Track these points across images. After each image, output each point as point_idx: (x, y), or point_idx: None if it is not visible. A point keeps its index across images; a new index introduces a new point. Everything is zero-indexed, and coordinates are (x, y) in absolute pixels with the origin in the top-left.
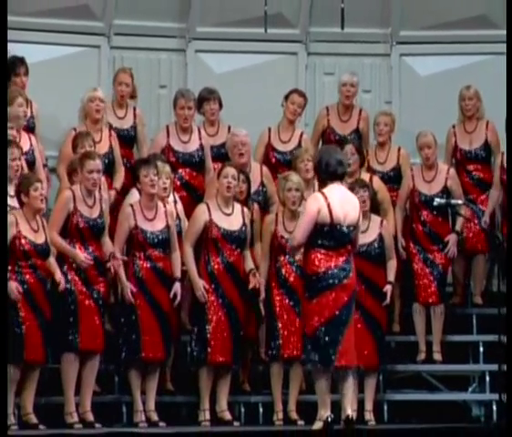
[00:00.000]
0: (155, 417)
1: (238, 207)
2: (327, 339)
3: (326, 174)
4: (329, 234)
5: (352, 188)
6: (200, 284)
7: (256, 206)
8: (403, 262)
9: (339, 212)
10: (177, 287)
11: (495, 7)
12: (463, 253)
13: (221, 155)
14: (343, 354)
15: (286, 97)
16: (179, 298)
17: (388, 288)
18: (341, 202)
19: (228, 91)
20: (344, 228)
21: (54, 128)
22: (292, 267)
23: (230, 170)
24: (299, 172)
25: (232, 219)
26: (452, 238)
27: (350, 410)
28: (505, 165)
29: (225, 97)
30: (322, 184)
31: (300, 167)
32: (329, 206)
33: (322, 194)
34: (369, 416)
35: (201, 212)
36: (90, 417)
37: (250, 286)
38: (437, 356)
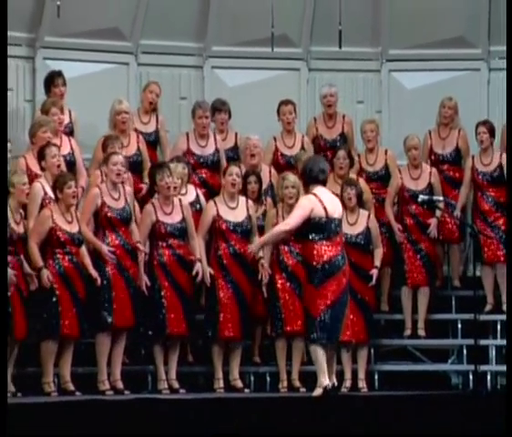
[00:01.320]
0: (176, 385)
1: (242, 200)
2: (333, 319)
3: (310, 179)
4: (324, 226)
5: (341, 188)
6: (208, 271)
7: (269, 199)
8: (394, 250)
9: (330, 207)
10: (198, 266)
11: (471, 29)
12: (440, 243)
13: (230, 157)
14: (345, 330)
15: (278, 112)
16: (200, 275)
17: (374, 271)
18: (329, 199)
19: (239, 102)
20: (336, 221)
21: (89, 134)
22: (292, 254)
23: (234, 169)
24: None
25: (237, 212)
26: (433, 222)
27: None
28: (476, 166)
29: (236, 107)
30: (306, 187)
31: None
32: (322, 202)
33: (314, 194)
34: (362, 384)
35: (210, 208)
36: (120, 385)
37: (260, 276)
38: (421, 332)
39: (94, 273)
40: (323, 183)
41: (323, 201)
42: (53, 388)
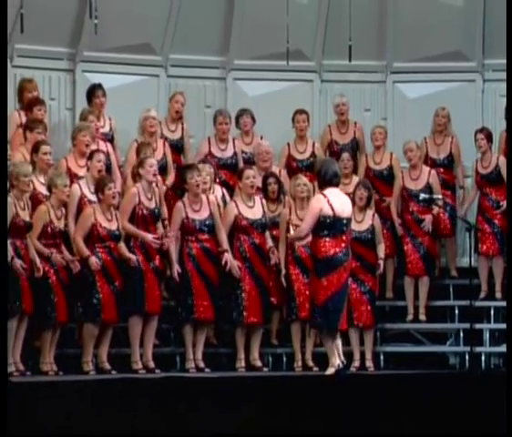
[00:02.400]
0: (202, 364)
1: (258, 199)
2: (333, 308)
3: (324, 181)
4: (332, 225)
5: (356, 187)
6: (235, 264)
7: (288, 198)
8: (396, 243)
9: (338, 207)
10: (226, 257)
11: (467, 45)
12: (438, 238)
13: (248, 159)
14: (345, 320)
15: (292, 120)
16: (229, 264)
17: (380, 262)
18: (338, 200)
19: (258, 110)
20: (344, 220)
21: (123, 139)
22: (305, 248)
23: (251, 172)
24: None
25: (255, 210)
26: (428, 218)
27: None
28: (479, 168)
29: (256, 115)
30: (320, 187)
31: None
32: (329, 202)
33: (323, 195)
34: (369, 364)
35: (231, 208)
36: (151, 364)
37: (272, 262)
38: (422, 316)
39: (129, 256)
40: (336, 185)
41: (332, 202)
42: (91, 367)
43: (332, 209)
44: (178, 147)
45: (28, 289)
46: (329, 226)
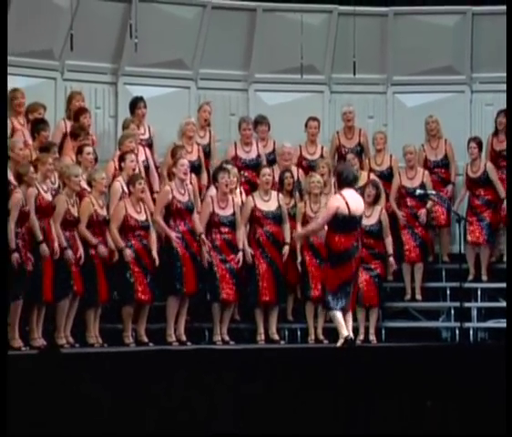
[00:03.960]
0: (227, 338)
1: (274, 194)
2: (342, 294)
3: (344, 182)
4: (347, 222)
5: (365, 185)
6: (249, 252)
7: (297, 194)
8: (395, 234)
9: (353, 207)
10: (239, 255)
11: (457, 60)
12: (432, 227)
13: (270, 160)
14: (351, 303)
15: (305, 125)
16: (241, 262)
17: (391, 259)
18: (354, 200)
19: (276, 117)
20: (357, 218)
21: (160, 143)
22: (318, 237)
23: (266, 170)
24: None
25: (270, 203)
26: (423, 212)
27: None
28: (469, 172)
29: (274, 121)
30: (340, 187)
31: (320, 170)
32: (347, 203)
33: (341, 195)
34: (372, 337)
35: (248, 202)
36: (183, 338)
37: (283, 252)
38: (418, 296)
39: (155, 254)
40: (353, 185)
41: (348, 202)
42: (131, 340)
43: (348, 209)
44: (206, 152)
45: (78, 273)
46: (343, 223)
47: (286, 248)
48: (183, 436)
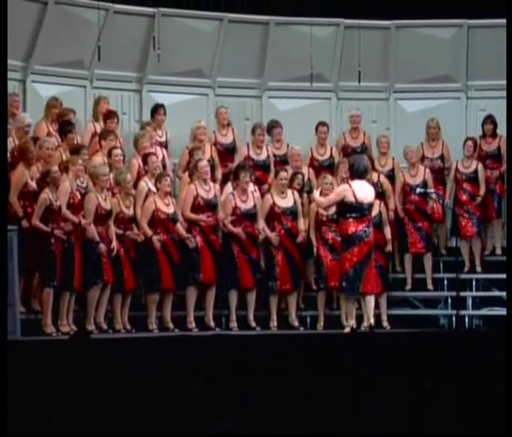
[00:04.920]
0: (253, 324)
1: (290, 192)
2: (355, 275)
3: (355, 173)
4: (355, 209)
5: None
6: (272, 234)
7: (305, 195)
8: (399, 228)
9: (360, 195)
10: (263, 234)
11: (454, 69)
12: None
13: (283, 161)
14: (366, 284)
15: (316, 129)
16: (263, 236)
17: (389, 246)
18: (362, 189)
19: (288, 122)
20: (365, 205)
21: (181, 145)
22: (331, 231)
23: (283, 173)
24: (337, 173)
25: (287, 200)
26: (428, 208)
27: (372, 319)
28: (459, 168)
29: (286, 125)
30: (351, 178)
31: (340, 170)
32: (352, 191)
33: (348, 184)
34: (386, 324)
35: (267, 199)
36: (212, 323)
37: (298, 240)
38: (430, 286)
39: (188, 236)
40: (365, 176)
41: (355, 190)
42: (155, 326)
43: (355, 197)
44: (229, 149)
45: (109, 264)
46: (352, 209)
47: (302, 236)
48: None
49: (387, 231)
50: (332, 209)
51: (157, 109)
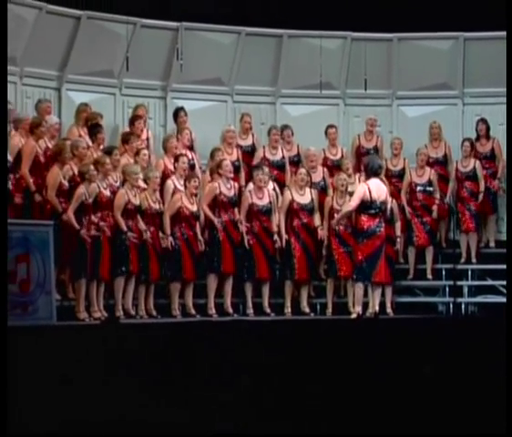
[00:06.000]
0: (268, 310)
1: (307, 189)
2: (367, 266)
3: (370, 172)
4: (369, 206)
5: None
6: (283, 239)
7: (315, 190)
8: (406, 222)
9: (375, 194)
10: (276, 238)
11: (451, 78)
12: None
13: (294, 162)
14: (376, 275)
15: (325, 132)
16: (281, 244)
17: (398, 239)
18: (376, 188)
19: (299, 126)
20: (378, 203)
21: (204, 147)
22: (342, 225)
23: (303, 170)
24: (343, 170)
25: (305, 197)
26: (434, 207)
27: (377, 307)
28: (458, 168)
29: (298, 129)
30: (367, 177)
31: (345, 166)
32: (369, 190)
33: (366, 183)
34: (389, 310)
35: (287, 195)
36: (230, 310)
37: (319, 237)
38: (429, 276)
39: (201, 238)
40: (379, 174)
41: (371, 189)
42: (178, 312)
43: (370, 196)
44: (249, 152)
45: (135, 255)
46: (367, 207)
47: (320, 231)
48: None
49: (398, 226)
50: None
51: (178, 112)
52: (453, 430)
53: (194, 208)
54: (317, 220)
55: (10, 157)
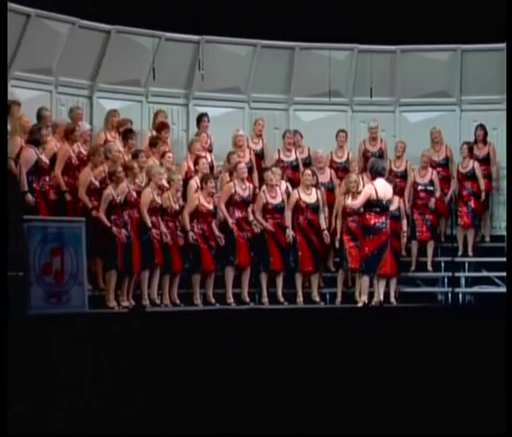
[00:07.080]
0: (281, 299)
1: (314, 189)
2: (373, 259)
3: (375, 173)
4: (375, 205)
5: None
6: (290, 234)
7: (322, 189)
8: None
9: (381, 193)
10: (288, 232)
11: (449, 86)
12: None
13: (305, 163)
14: (381, 267)
15: (336, 136)
16: (291, 238)
17: (404, 234)
18: (382, 188)
19: (310, 131)
20: (384, 202)
21: (223, 150)
22: (354, 222)
23: (308, 171)
24: (351, 171)
25: (311, 197)
26: (432, 202)
27: (381, 296)
28: (460, 168)
29: (309, 134)
30: (372, 178)
31: (353, 168)
32: (375, 190)
33: (372, 184)
34: (393, 300)
35: (294, 194)
36: (247, 299)
37: (325, 240)
38: (430, 268)
39: (219, 234)
40: (383, 175)
41: (377, 189)
42: (199, 301)
43: (376, 194)
44: (259, 155)
45: (159, 249)
46: (374, 205)
47: (326, 233)
48: None
49: (404, 223)
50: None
51: (201, 117)
52: (451, 409)
53: (211, 207)
54: (322, 221)
55: (46, 160)
